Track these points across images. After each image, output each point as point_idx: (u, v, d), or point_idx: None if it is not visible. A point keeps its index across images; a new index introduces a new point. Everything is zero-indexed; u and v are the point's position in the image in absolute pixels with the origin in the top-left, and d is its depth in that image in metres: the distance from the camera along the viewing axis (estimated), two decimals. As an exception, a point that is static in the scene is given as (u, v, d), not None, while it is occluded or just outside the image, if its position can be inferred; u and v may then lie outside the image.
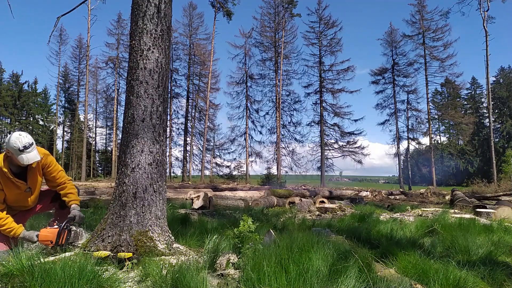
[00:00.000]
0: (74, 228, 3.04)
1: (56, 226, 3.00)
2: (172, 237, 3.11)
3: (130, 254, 2.67)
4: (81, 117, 45.20)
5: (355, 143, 36.40)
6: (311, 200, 9.45)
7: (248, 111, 38.91)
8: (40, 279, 2.07)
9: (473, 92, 60.91)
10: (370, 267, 2.48)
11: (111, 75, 44.06)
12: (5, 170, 2.92)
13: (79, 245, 2.98)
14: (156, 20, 3.13)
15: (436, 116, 44.29)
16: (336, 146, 36.90)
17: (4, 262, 2.30)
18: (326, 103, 37.11)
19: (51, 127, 49.13)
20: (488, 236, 4.15)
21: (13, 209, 3.15)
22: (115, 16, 50.04)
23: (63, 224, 2.97)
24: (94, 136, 50.33)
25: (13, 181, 2.98)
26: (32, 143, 2.91)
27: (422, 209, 7.66)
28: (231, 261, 2.60)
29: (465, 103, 58.05)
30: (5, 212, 3.00)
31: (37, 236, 2.94)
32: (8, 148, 2.88)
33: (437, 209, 7.66)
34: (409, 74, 38.64)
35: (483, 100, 58.49)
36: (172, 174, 41.73)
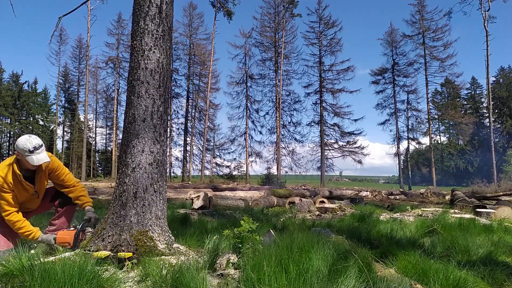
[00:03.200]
0: (90, 229, 3.12)
1: (72, 228, 3.08)
2: (172, 237, 3.12)
3: (130, 254, 2.68)
4: (81, 117, 45.24)
5: (355, 143, 36.45)
6: (311, 200, 9.45)
7: (248, 111, 38.94)
8: (40, 279, 2.07)
9: (473, 92, 60.92)
10: (370, 267, 2.48)
11: (111, 75, 44.10)
12: (18, 172, 2.95)
13: None
14: (158, 20, 3.13)
15: (436, 116, 44.33)
16: (336, 146, 36.92)
17: (4, 262, 2.30)
18: (326, 103, 37.15)
19: (51, 127, 49.15)
20: (488, 236, 4.15)
21: None
22: (115, 16, 50.12)
23: (80, 226, 3.04)
24: (94, 136, 50.36)
25: (22, 184, 3.01)
26: (41, 145, 2.97)
27: (422, 209, 7.66)
28: (231, 261, 2.61)
29: (465, 103, 58.07)
30: (21, 214, 3.03)
31: (54, 239, 2.99)
32: (18, 150, 2.92)
33: (437, 209, 7.66)
34: (409, 74, 38.72)
35: (483, 100, 58.55)
36: (172, 174, 41.73)
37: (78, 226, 3.05)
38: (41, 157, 2.94)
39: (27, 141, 2.91)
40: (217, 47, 59.55)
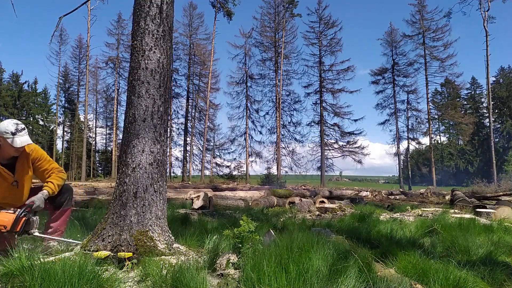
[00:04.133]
0: (31, 215, 2.86)
1: (12, 211, 2.85)
2: (172, 237, 3.12)
3: (130, 254, 2.68)
4: (81, 117, 45.21)
5: (355, 143, 36.49)
6: (311, 200, 9.45)
7: (248, 111, 38.96)
8: (40, 279, 2.07)
9: (473, 92, 60.92)
10: (370, 267, 2.48)
11: (111, 75, 44.10)
12: None
13: (33, 232, 2.85)
14: (158, 20, 3.13)
15: (436, 116, 44.33)
16: (336, 146, 36.96)
17: (4, 262, 2.30)
18: (326, 103, 37.19)
19: (51, 127, 49.15)
20: (488, 236, 4.16)
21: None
22: (115, 16, 50.15)
23: (22, 210, 2.82)
24: (94, 136, 50.35)
25: (0, 171, 2.91)
26: (24, 128, 2.90)
27: (422, 209, 7.67)
28: (231, 261, 2.61)
29: (465, 103, 58.05)
30: None
31: None
32: (1, 134, 2.83)
33: (437, 209, 7.66)
34: (409, 74, 38.76)
35: (483, 100, 58.53)
36: (172, 174, 41.74)
37: (20, 210, 2.83)
38: (24, 139, 2.86)
39: (9, 123, 2.85)
40: (217, 47, 59.45)
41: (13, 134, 2.82)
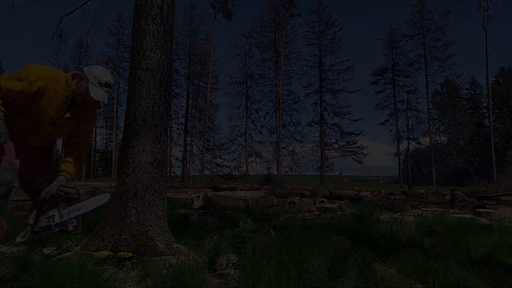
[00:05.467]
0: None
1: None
2: (172, 237, 3.12)
3: (130, 254, 2.68)
4: (81, 117, 45.05)
5: (355, 143, 36.44)
6: (311, 200, 9.46)
7: (248, 111, 38.91)
8: (40, 279, 2.07)
9: (473, 92, 60.85)
10: (370, 267, 2.49)
11: (111, 75, 44.06)
12: (65, 88, 2.48)
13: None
14: (159, 20, 3.13)
15: (436, 116, 44.30)
16: (336, 146, 36.93)
17: (4, 262, 2.30)
18: (326, 103, 37.15)
19: (51, 127, 49.01)
20: (488, 236, 4.16)
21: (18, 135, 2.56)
22: (115, 16, 50.10)
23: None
24: (94, 136, 50.32)
25: (54, 101, 2.49)
26: (111, 85, 2.58)
27: (422, 209, 7.66)
28: (231, 261, 2.61)
29: (465, 103, 57.99)
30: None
31: None
32: (88, 74, 2.51)
33: (437, 209, 7.65)
34: (409, 74, 38.65)
35: (483, 100, 58.45)
36: (172, 174, 41.68)
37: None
38: (104, 95, 2.53)
39: (104, 73, 2.54)
40: (217, 47, 59.38)
41: (100, 84, 2.50)
